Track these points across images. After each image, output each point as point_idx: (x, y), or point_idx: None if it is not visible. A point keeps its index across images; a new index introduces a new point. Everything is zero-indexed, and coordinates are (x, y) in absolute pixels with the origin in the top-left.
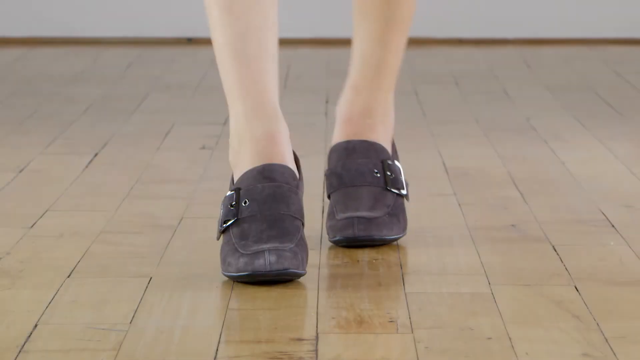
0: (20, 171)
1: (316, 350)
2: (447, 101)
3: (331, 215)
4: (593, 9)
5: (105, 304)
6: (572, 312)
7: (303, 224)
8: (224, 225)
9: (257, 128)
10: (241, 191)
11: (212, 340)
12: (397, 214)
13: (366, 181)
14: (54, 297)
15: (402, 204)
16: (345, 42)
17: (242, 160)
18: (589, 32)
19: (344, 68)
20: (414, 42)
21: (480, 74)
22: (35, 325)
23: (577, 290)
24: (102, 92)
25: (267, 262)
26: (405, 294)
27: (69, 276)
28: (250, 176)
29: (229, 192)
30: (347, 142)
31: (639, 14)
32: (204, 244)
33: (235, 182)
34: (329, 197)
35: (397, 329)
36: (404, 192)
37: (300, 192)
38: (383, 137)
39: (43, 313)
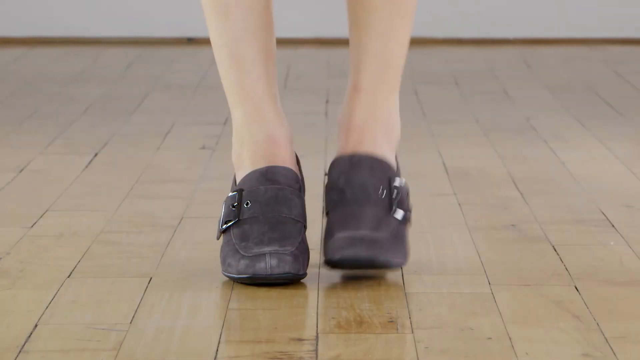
0: (20, 171)
1: (316, 350)
2: (447, 101)
3: (329, 234)
4: (593, 9)
5: (105, 304)
6: (572, 312)
7: (305, 227)
8: (225, 225)
9: (258, 132)
10: (243, 192)
11: (212, 340)
12: (401, 240)
13: (370, 200)
14: (54, 297)
15: (405, 231)
16: (346, 42)
17: (244, 162)
18: (589, 32)
19: (344, 68)
20: (414, 42)
21: (480, 74)
22: (35, 325)
23: (577, 290)
24: (102, 92)
25: (267, 265)
26: (405, 294)
27: (69, 276)
28: (252, 178)
29: (231, 193)
30: (352, 156)
31: (639, 14)
32: (204, 244)
33: (237, 183)
34: (327, 214)
35: (397, 329)
36: (409, 214)
37: (302, 194)
38: (388, 149)
39: (43, 313)
